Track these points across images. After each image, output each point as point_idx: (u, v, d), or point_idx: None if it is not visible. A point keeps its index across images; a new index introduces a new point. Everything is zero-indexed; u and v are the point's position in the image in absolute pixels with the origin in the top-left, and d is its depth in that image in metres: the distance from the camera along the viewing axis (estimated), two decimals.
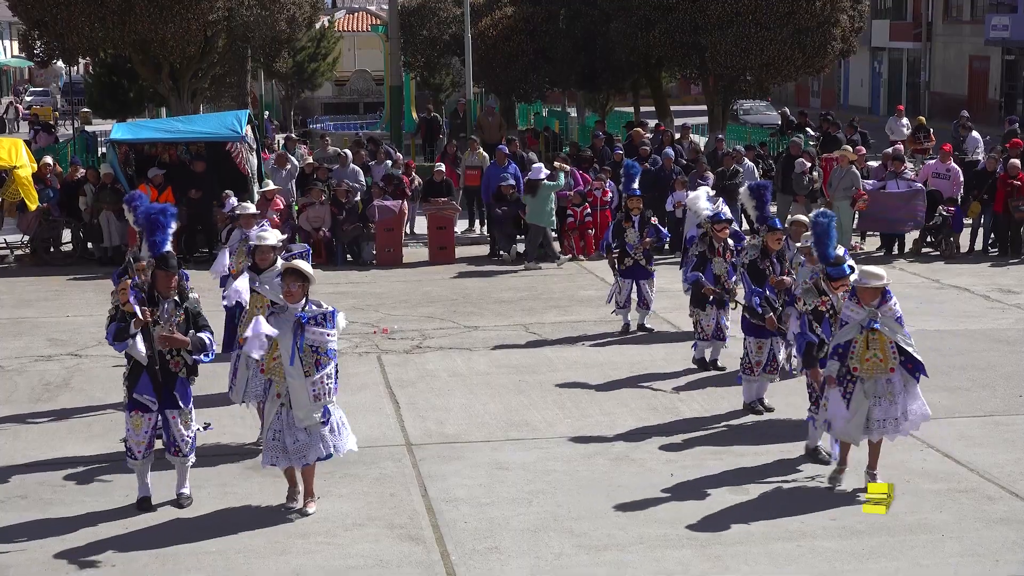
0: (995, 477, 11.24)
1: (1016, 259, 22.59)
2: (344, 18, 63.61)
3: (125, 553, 9.83)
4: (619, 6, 32.88)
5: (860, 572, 9.32)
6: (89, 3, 29.93)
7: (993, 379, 12.74)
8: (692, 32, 31.78)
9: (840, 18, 32.67)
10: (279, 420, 10.24)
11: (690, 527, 10.22)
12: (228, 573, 9.44)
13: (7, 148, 24.40)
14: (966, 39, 58.36)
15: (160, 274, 10.49)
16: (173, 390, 10.59)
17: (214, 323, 14.98)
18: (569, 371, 15.22)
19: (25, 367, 15.78)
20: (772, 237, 13.16)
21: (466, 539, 10.03)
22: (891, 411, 10.62)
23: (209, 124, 25.39)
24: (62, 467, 11.81)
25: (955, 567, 9.38)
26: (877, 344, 10.51)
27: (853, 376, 10.58)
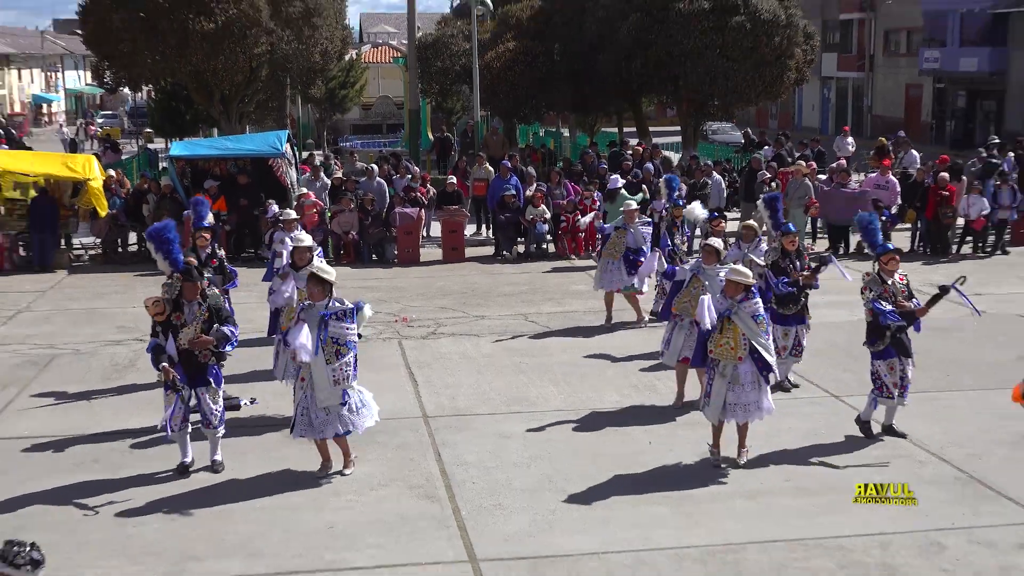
0: (926, 445, 11.29)
1: (945, 258, 22.60)
2: (369, 51, 63.75)
3: (185, 509, 9.90)
4: (605, 42, 32.87)
5: (811, 525, 9.36)
6: (151, 39, 30.01)
7: (927, 362, 12.76)
8: (667, 64, 31.79)
9: (795, 52, 32.70)
10: (305, 399, 10.30)
11: (665, 487, 10.28)
12: (273, 525, 9.50)
13: (81, 163, 24.47)
14: (903, 70, 58.39)
15: (187, 285, 10.68)
16: (203, 374, 10.69)
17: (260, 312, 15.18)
18: (563, 354, 15.25)
19: (97, 350, 15.83)
20: (787, 240, 13.11)
21: (474, 497, 10.09)
22: (743, 397, 10.61)
23: (254, 142, 25.47)
24: (129, 436, 11.87)
25: (892, 520, 9.43)
26: (731, 333, 10.51)
27: (714, 360, 10.64)
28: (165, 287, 11.24)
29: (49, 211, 22.97)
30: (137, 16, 29.87)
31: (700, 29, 30.99)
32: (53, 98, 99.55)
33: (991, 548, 8.86)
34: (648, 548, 8.93)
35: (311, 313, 10.25)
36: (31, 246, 22.85)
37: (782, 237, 13.28)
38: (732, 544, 9.01)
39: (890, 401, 11.41)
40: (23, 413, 12.88)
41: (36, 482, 10.57)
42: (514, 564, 8.72)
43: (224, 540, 9.22)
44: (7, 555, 5.82)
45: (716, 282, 11.95)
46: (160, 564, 8.79)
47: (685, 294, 12.55)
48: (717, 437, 10.91)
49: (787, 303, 12.89)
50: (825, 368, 13.58)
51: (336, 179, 24.95)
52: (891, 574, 8.48)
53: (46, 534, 9.14)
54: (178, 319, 10.63)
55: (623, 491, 10.18)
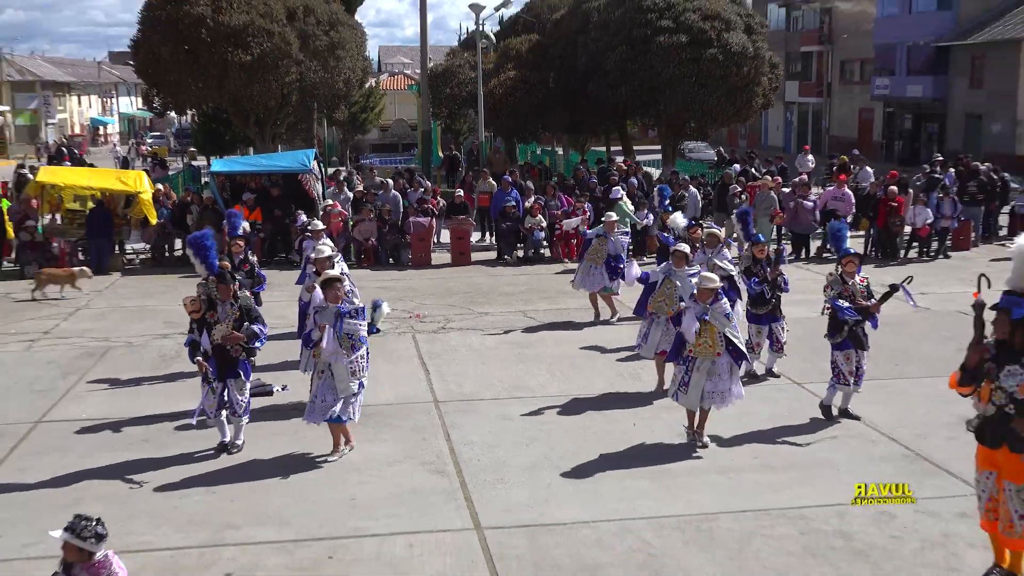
0: (877, 426, 11.29)
1: (894, 261, 22.61)
2: (387, 79, 63.87)
3: (223, 484, 9.91)
4: (594, 71, 32.92)
5: (776, 497, 9.36)
6: (195, 69, 30.07)
7: (879, 354, 12.75)
8: (649, 91, 31.87)
9: (761, 80, 32.79)
10: (322, 388, 10.25)
11: (647, 463, 10.27)
12: (303, 497, 9.50)
13: (133, 178, 24.56)
14: (856, 96, 58.44)
15: (220, 287, 10.70)
16: (233, 367, 10.70)
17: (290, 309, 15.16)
18: (557, 346, 15.24)
19: (147, 343, 15.83)
20: (757, 248, 13.15)
21: (479, 473, 10.08)
22: (719, 386, 10.62)
23: (285, 160, 25.48)
24: (174, 419, 11.85)
25: (848, 492, 9.41)
26: (708, 332, 10.51)
27: (691, 357, 10.58)
28: (200, 287, 11.23)
29: (105, 220, 23.00)
30: (183, 49, 29.94)
31: (678, 60, 31.09)
32: (108, 121, 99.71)
33: (935, 517, 8.86)
34: (632, 517, 8.93)
35: (327, 312, 10.22)
36: (89, 251, 22.88)
37: (752, 247, 13.30)
38: (706, 514, 9.00)
39: (847, 388, 11.43)
40: (81, 398, 12.89)
41: (92, 459, 10.58)
42: (514, 531, 8.71)
43: (258, 511, 9.21)
44: (76, 528, 5.84)
45: (686, 281, 12.15)
46: (202, 532, 8.79)
47: (660, 294, 12.58)
48: (692, 421, 10.90)
49: (759, 303, 12.91)
50: (788, 359, 13.56)
51: (357, 192, 24.99)
52: (847, 541, 8.46)
53: (100, 505, 9.15)
54: (212, 317, 10.66)
55: (610, 467, 10.17)
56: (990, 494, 7.54)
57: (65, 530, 5.82)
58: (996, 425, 7.39)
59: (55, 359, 14.85)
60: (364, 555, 8.32)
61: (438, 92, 39.69)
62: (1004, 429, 7.33)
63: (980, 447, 7.58)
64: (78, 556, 5.84)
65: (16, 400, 12.80)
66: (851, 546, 8.37)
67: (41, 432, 11.56)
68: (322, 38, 32.11)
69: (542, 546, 8.42)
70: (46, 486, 9.85)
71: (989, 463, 7.53)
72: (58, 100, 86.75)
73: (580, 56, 34.03)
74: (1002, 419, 7.34)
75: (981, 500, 7.62)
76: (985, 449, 7.53)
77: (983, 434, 7.50)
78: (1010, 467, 7.39)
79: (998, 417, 7.36)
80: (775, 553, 8.25)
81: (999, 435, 7.37)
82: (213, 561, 8.24)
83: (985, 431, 7.48)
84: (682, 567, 8.04)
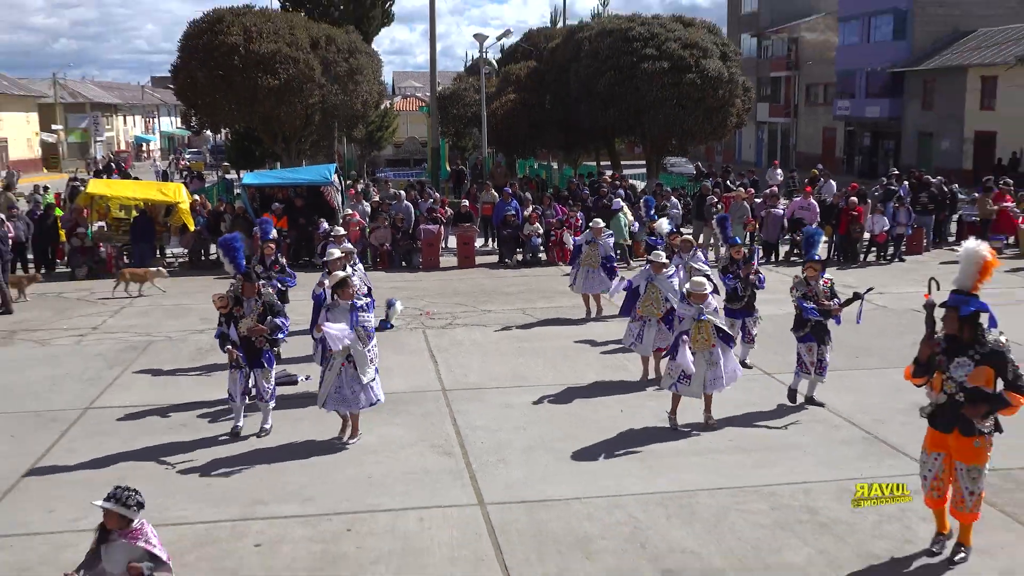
0: (840, 412, 11.25)
1: (854, 264, 22.57)
2: (400, 101, 63.89)
3: (252, 464, 9.89)
4: (586, 94, 32.88)
5: (749, 476, 9.32)
6: (228, 92, 30.05)
7: (840, 347, 12.71)
8: (635, 112, 31.83)
9: (735, 102, 32.73)
10: (339, 379, 10.14)
11: (633, 445, 10.24)
12: (323, 477, 9.46)
13: (172, 190, 24.59)
14: (820, 116, 58.43)
15: (246, 285, 10.69)
16: (258, 357, 10.67)
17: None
18: (553, 341, 15.19)
19: (185, 338, 15.79)
20: (734, 250, 13.13)
21: (483, 454, 10.05)
22: (717, 373, 10.65)
23: (310, 173, 25.47)
24: (209, 406, 11.84)
25: (813, 471, 9.41)
26: (703, 329, 10.55)
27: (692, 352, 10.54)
28: (231, 287, 11.20)
29: (147, 227, 23.00)
30: (217, 74, 29.91)
31: (660, 85, 31.05)
32: (151, 138, 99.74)
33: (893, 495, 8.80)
34: (620, 494, 8.89)
35: (340, 308, 10.16)
36: (133, 255, 22.85)
37: (730, 248, 13.30)
38: (687, 491, 8.96)
39: (808, 376, 11.41)
40: (126, 387, 12.86)
41: (136, 441, 10.56)
42: (514, 506, 8.68)
43: (284, 488, 9.18)
44: (120, 497, 5.81)
45: (666, 283, 12.49)
46: (233, 507, 8.76)
47: (647, 299, 12.61)
48: (675, 407, 10.85)
49: (733, 299, 12.92)
50: (760, 352, 13.53)
51: (374, 202, 25.00)
52: (813, 515, 8.43)
53: (142, 483, 9.05)
54: (238, 312, 10.63)
55: (600, 449, 10.14)
56: (936, 473, 7.54)
57: (109, 499, 5.79)
58: (947, 411, 7.37)
59: (102, 352, 14.82)
60: (379, 528, 8.28)
61: (446, 113, 39.68)
62: (955, 415, 7.31)
63: (930, 430, 7.56)
64: (119, 523, 5.81)
65: (67, 389, 12.78)
66: (816, 520, 8.33)
67: (89, 417, 11.53)
68: (342, 64, 32.07)
69: (539, 519, 8.39)
70: (93, 466, 9.83)
71: (938, 445, 7.51)
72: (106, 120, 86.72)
73: (573, 81, 33.98)
74: (953, 406, 7.32)
75: (927, 479, 7.60)
76: (935, 432, 7.51)
77: (935, 419, 7.48)
78: (960, 449, 7.38)
79: (949, 404, 7.35)
80: (748, 526, 8.21)
81: (951, 420, 7.35)
82: (243, 533, 8.21)
83: (937, 417, 7.46)
84: (665, 538, 8.01)
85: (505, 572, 7.50)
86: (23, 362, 14.27)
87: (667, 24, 33.06)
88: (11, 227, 22.10)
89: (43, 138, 74.89)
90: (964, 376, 7.23)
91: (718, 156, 62.89)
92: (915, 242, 23.70)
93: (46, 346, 15.35)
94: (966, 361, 7.23)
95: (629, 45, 31.92)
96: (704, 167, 37.52)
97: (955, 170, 40.78)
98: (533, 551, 7.81)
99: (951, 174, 32.39)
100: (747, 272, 12.89)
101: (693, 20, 34.35)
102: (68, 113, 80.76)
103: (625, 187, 27.27)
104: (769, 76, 63.68)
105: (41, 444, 10.53)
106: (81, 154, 77.19)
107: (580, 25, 39.59)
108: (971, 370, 7.20)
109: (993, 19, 47.77)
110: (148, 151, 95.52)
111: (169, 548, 6.12)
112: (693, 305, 10.60)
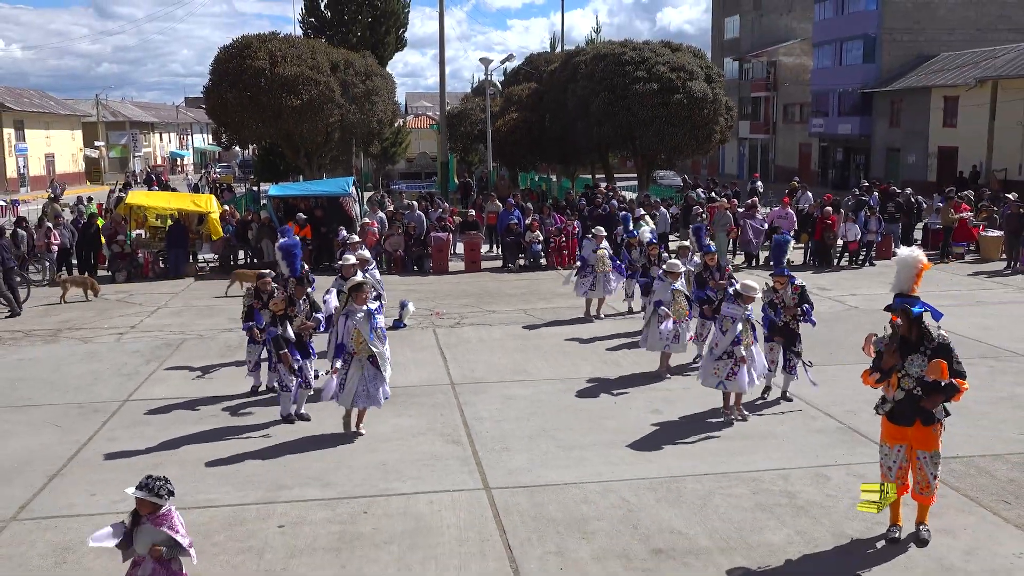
0: (815, 403, 11.21)
1: (828, 268, 22.51)
2: (412, 119, 63.88)
3: (275, 452, 9.85)
4: (582, 113, 32.89)
5: (731, 462, 9.28)
6: (255, 111, 30.15)
7: (814, 344, 12.68)
8: (627, 129, 31.86)
9: (719, 120, 32.73)
10: (364, 377, 9.98)
11: (626, 434, 10.19)
12: (340, 463, 9.43)
13: (204, 200, 24.61)
14: (797, 132, 58.36)
15: (299, 288, 10.89)
16: (305, 348, 10.82)
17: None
18: (552, 339, 15.16)
19: (215, 335, 15.78)
20: (708, 257, 13.10)
21: (488, 442, 10.01)
22: (756, 368, 10.68)
23: (330, 185, 25.49)
24: (236, 398, 11.82)
25: (790, 458, 9.37)
26: (751, 328, 10.58)
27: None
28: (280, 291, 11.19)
29: (182, 235, 22.99)
30: (245, 95, 29.99)
31: (651, 104, 31.09)
32: (184, 154, 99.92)
33: (863, 479, 8.74)
34: (614, 479, 8.85)
35: (358, 313, 9.99)
36: (168, 260, 22.86)
37: (704, 255, 13.25)
38: (675, 476, 8.93)
39: (770, 374, 11.35)
40: (161, 381, 12.84)
41: (169, 431, 10.53)
42: (517, 491, 8.64)
43: (304, 474, 9.15)
44: (152, 487, 5.78)
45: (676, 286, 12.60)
46: (257, 490, 8.73)
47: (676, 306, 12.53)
48: (728, 401, 10.73)
49: (702, 303, 12.82)
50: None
51: (388, 212, 24.97)
52: (791, 498, 8.39)
53: (175, 469, 9.11)
54: (292, 311, 10.80)
55: (595, 438, 10.10)
56: (899, 463, 7.47)
57: (141, 487, 5.77)
58: (906, 405, 7.32)
59: (140, 349, 14.81)
60: (393, 510, 8.25)
61: (454, 130, 39.76)
62: (914, 408, 7.27)
63: (889, 425, 7.47)
64: (150, 509, 5.79)
65: (108, 382, 12.76)
66: (794, 503, 8.29)
67: (128, 409, 11.51)
68: (359, 86, 32.12)
69: (539, 502, 8.35)
70: (132, 453, 9.81)
71: (898, 438, 7.44)
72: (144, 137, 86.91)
73: (570, 101, 33.99)
74: (911, 400, 7.28)
75: (892, 470, 7.52)
76: (894, 426, 7.43)
77: (894, 415, 7.42)
78: (922, 439, 7.34)
79: (907, 399, 7.30)
80: (731, 509, 8.17)
81: (911, 413, 7.31)
82: (268, 515, 8.18)
83: (895, 412, 7.40)
84: (655, 520, 7.97)
85: (508, 551, 7.47)
86: (68, 358, 14.26)
87: (656, 49, 33.08)
88: (57, 234, 22.17)
89: (86, 153, 75.05)
90: (920, 371, 7.19)
91: (704, 170, 62.83)
92: (884, 248, 23.63)
93: (88, 343, 15.34)
94: (919, 358, 7.20)
95: (622, 68, 31.94)
96: (690, 179, 37.42)
97: (920, 182, 40.74)
98: (534, 532, 7.78)
99: (917, 186, 32.33)
100: (716, 283, 12.75)
101: (680, 45, 34.36)
102: (109, 131, 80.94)
103: (618, 198, 27.22)
104: (750, 96, 63.66)
105: (84, 433, 10.52)
106: (121, 168, 77.33)
107: (577, 50, 39.65)
108: (926, 365, 7.16)
109: (955, 44, 47.75)
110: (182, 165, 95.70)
111: (199, 529, 6.10)
112: (741, 306, 10.52)
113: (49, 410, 11.46)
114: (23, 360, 14.16)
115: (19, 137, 61.11)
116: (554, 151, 37.02)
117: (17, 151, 60.68)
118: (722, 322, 10.72)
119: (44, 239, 21.96)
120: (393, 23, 46.17)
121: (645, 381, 12.41)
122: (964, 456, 9.21)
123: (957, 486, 8.50)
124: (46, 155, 65.88)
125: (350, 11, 45.47)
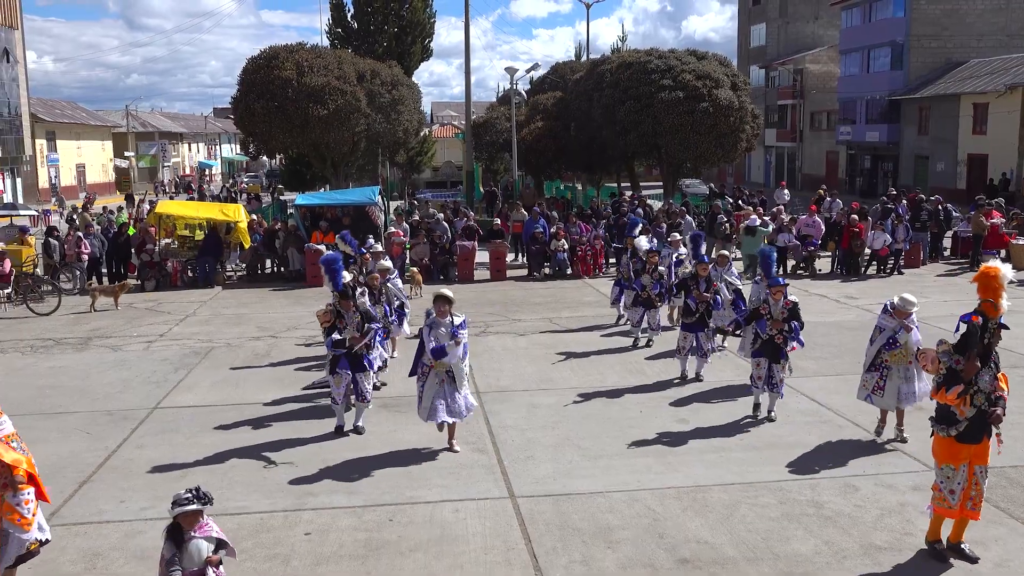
0: (843, 412, 11.12)
1: (856, 277, 22.33)
2: (438, 129, 64.07)
3: (303, 460, 9.88)
4: (607, 122, 32.85)
5: (759, 472, 9.22)
6: (282, 121, 30.34)
7: (842, 352, 12.59)
8: (653, 137, 31.76)
9: (745, 128, 32.55)
10: (443, 392, 9.78)
11: (652, 444, 10.16)
12: (367, 471, 9.45)
13: (232, 209, 24.78)
14: (824, 140, 58.02)
15: (343, 301, 10.61)
16: (360, 361, 10.61)
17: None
18: (577, 347, 15.14)
19: (243, 344, 15.89)
20: (700, 267, 12.95)
21: (513, 451, 10.01)
22: (911, 388, 9.98)
23: (356, 195, 25.60)
24: (265, 406, 11.89)
25: (819, 468, 9.28)
26: (906, 347, 9.94)
27: (886, 365, 10.00)
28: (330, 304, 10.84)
29: (216, 244, 23.20)
30: (273, 105, 30.20)
31: (676, 112, 30.97)
32: (213, 164, 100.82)
33: (892, 489, 8.70)
34: (639, 488, 8.82)
35: (440, 326, 9.74)
36: (197, 269, 23.06)
37: (697, 265, 13.06)
38: (701, 485, 8.88)
39: (756, 390, 11.04)
40: (189, 388, 12.95)
41: (198, 438, 10.62)
42: (542, 499, 8.63)
43: (331, 482, 9.18)
44: (200, 496, 5.87)
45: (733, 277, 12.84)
46: (287, 498, 8.77)
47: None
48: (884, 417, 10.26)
49: (687, 314, 12.71)
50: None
51: (414, 221, 25.06)
52: (819, 509, 8.32)
53: (204, 476, 9.18)
54: (341, 324, 10.54)
55: (621, 447, 10.07)
56: (962, 485, 7.22)
57: (190, 502, 5.80)
58: (977, 422, 7.13)
59: (168, 357, 14.95)
60: (418, 518, 8.27)
61: (479, 139, 39.82)
62: (984, 423, 7.12)
63: (956, 445, 7.19)
64: (196, 519, 5.87)
65: (137, 390, 12.89)
66: (822, 513, 8.22)
67: (157, 416, 11.63)
68: (385, 96, 32.27)
69: (564, 511, 8.34)
70: (160, 460, 9.89)
71: (963, 457, 7.20)
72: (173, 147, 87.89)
73: (596, 109, 33.96)
74: (981, 416, 7.11)
75: (955, 493, 7.22)
76: (961, 446, 7.18)
77: (965, 434, 7.16)
78: (981, 453, 7.20)
79: (977, 416, 7.12)
80: (758, 518, 8.12)
81: (981, 429, 7.15)
82: (295, 522, 8.22)
83: (967, 431, 7.15)
84: (680, 529, 7.93)
85: (534, 560, 7.46)
86: (98, 366, 14.42)
87: (682, 57, 32.99)
88: (87, 244, 22.44)
89: (116, 163, 75.96)
90: (990, 385, 7.10)
91: (729, 178, 62.60)
92: (913, 256, 23.45)
93: (118, 351, 15.51)
94: (988, 371, 7.10)
95: (647, 76, 31.88)
96: (716, 188, 37.30)
97: (950, 190, 40.38)
98: (559, 540, 7.77)
99: (945, 193, 32.02)
100: (700, 295, 12.57)
101: (706, 54, 34.26)
102: (139, 141, 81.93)
103: (643, 206, 27.17)
104: (776, 104, 63.38)
105: (114, 440, 10.63)
106: (150, 178, 78.19)
107: (602, 59, 39.60)
108: (995, 380, 7.09)
109: (984, 50, 47.32)
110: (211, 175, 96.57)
111: (228, 535, 6.15)
112: (895, 319, 10.00)
113: (79, 417, 11.59)
114: (54, 368, 14.34)
115: (51, 148, 61.98)
116: (579, 160, 36.99)
117: (49, 162, 61.54)
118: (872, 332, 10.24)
119: (75, 248, 22.24)
120: (419, 33, 46.44)
121: (671, 390, 12.36)
122: (994, 467, 9.01)
123: (987, 497, 8.37)
124: (77, 165, 66.76)
125: (376, 21, 45.80)
